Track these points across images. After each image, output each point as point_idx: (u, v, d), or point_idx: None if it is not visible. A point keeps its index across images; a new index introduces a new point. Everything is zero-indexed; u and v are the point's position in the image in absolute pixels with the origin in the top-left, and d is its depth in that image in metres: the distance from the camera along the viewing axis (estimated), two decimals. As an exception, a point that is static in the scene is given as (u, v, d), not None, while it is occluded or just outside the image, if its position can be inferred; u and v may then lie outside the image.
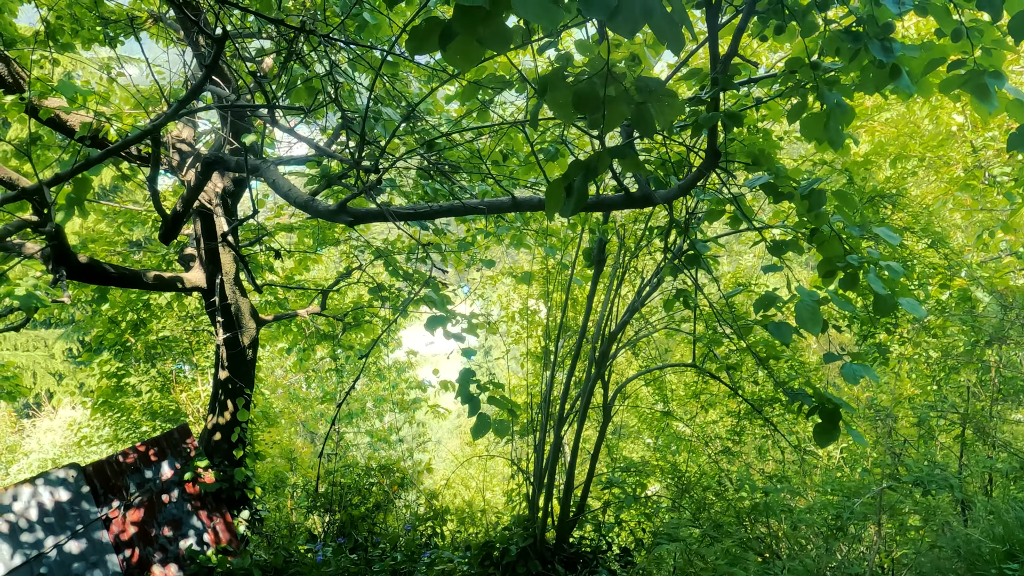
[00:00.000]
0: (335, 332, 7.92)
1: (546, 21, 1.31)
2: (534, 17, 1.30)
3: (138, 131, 3.36)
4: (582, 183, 1.98)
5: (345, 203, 3.90)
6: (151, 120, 4.06)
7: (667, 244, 4.21)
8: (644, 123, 2.04)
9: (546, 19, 1.31)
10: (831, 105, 2.83)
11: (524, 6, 1.30)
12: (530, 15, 1.31)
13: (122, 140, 3.57)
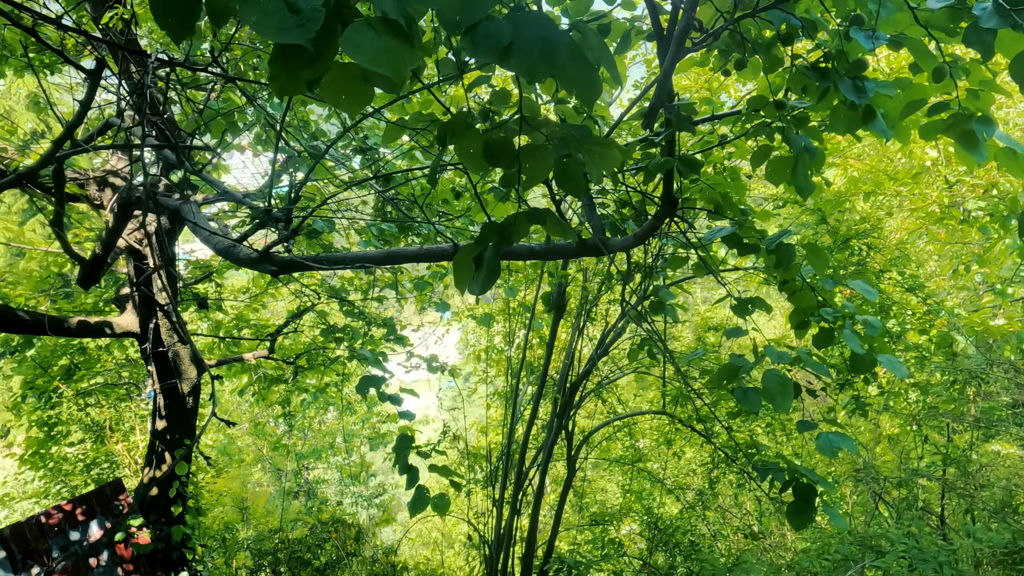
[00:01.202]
0: (286, 376, 7.44)
1: (387, 67, 0.93)
2: (371, 63, 0.93)
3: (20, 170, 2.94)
4: (493, 255, 1.60)
5: (267, 251, 3.49)
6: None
7: (624, 295, 3.84)
8: (569, 180, 1.67)
9: (388, 65, 0.93)
10: (798, 149, 2.49)
11: (358, 50, 0.93)
12: (365, 60, 0.93)
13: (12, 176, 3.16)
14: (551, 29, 1.18)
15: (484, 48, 1.15)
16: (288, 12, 0.95)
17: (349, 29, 0.95)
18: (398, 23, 0.94)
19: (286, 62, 0.99)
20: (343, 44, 0.93)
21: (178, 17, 0.97)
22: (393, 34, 0.94)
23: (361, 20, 0.96)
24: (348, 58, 1.13)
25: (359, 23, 0.96)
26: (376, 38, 0.93)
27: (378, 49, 0.93)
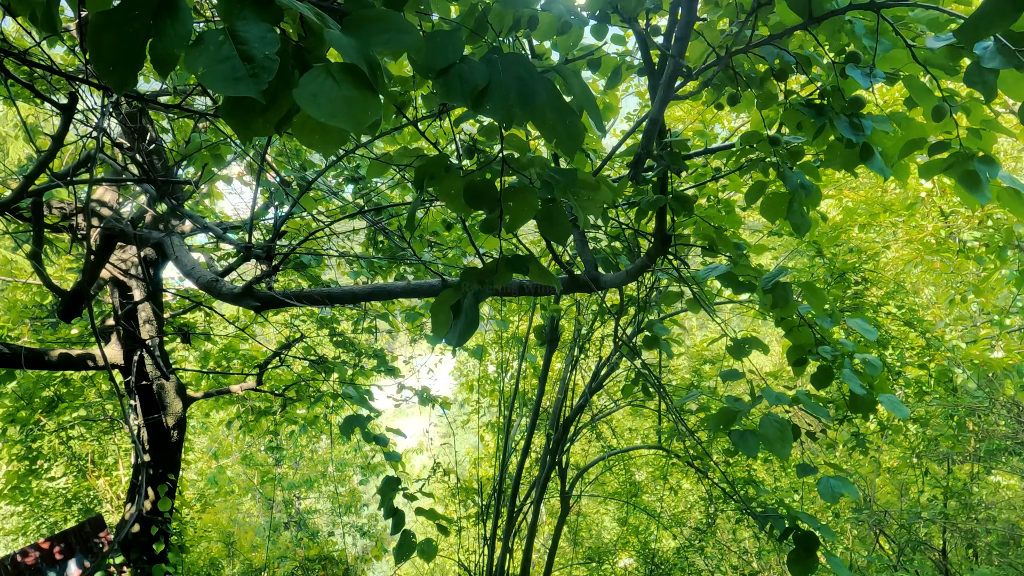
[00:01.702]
0: (274, 408, 7.29)
1: (348, 121, 0.85)
2: (329, 116, 0.85)
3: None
4: (472, 304, 1.51)
5: (250, 287, 3.39)
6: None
7: (617, 331, 3.75)
8: (552, 225, 1.58)
9: (348, 118, 0.85)
10: (794, 187, 2.42)
11: (315, 102, 0.84)
12: (323, 114, 0.85)
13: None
14: (529, 72, 1.10)
15: (458, 92, 1.07)
16: (240, 60, 0.87)
17: (304, 78, 0.86)
18: (359, 70, 0.86)
19: (237, 112, 0.90)
20: (298, 96, 0.84)
21: (119, 66, 0.88)
22: (354, 83, 0.86)
23: (319, 67, 0.87)
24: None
25: (316, 70, 0.87)
26: (335, 88, 0.85)
27: (336, 100, 0.84)
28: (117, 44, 0.89)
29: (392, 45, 0.91)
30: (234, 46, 0.88)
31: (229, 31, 0.90)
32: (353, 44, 0.87)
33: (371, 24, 0.92)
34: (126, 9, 0.90)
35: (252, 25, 0.90)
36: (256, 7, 0.93)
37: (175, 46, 0.89)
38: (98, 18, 0.90)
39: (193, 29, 0.91)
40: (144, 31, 0.90)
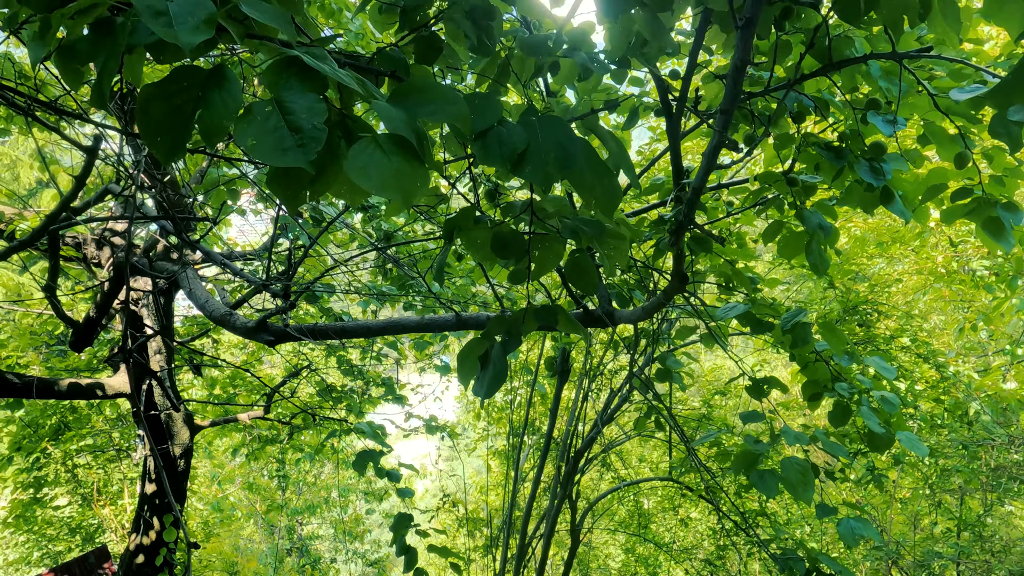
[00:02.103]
0: (281, 436, 7.25)
1: (398, 192, 0.85)
2: (380, 188, 0.85)
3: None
4: (500, 355, 1.50)
5: (264, 321, 3.40)
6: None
7: (632, 365, 3.73)
8: (581, 276, 1.58)
9: (398, 190, 0.85)
10: (813, 228, 2.42)
11: (365, 175, 0.85)
12: (374, 186, 0.85)
13: (6, 248, 3.09)
14: (567, 135, 1.11)
15: (497, 156, 1.08)
16: (288, 131, 0.88)
17: (354, 149, 0.87)
18: (408, 142, 0.86)
19: (285, 183, 0.91)
20: (348, 168, 0.85)
21: (168, 137, 0.89)
22: (403, 153, 0.86)
23: (368, 138, 0.88)
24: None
25: (365, 141, 0.88)
26: (384, 160, 0.85)
27: (386, 173, 0.84)
28: (166, 115, 0.90)
29: (438, 116, 0.91)
30: (281, 117, 0.89)
31: (276, 102, 0.91)
32: (401, 116, 0.87)
33: (417, 94, 0.93)
34: (175, 80, 0.91)
35: (299, 95, 0.91)
36: (302, 77, 0.94)
37: (224, 118, 0.90)
38: (147, 89, 0.91)
39: (242, 100, 0.92)
40: (192, 103, 0.91)
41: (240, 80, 0.92)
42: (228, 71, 0.92)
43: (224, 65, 0.92)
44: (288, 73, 0.94)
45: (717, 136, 1.25)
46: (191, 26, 0.88)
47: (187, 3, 0.91)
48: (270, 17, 0.97)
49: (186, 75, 0.92)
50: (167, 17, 0.88)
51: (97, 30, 0.89)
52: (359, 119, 0.99)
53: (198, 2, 0.91)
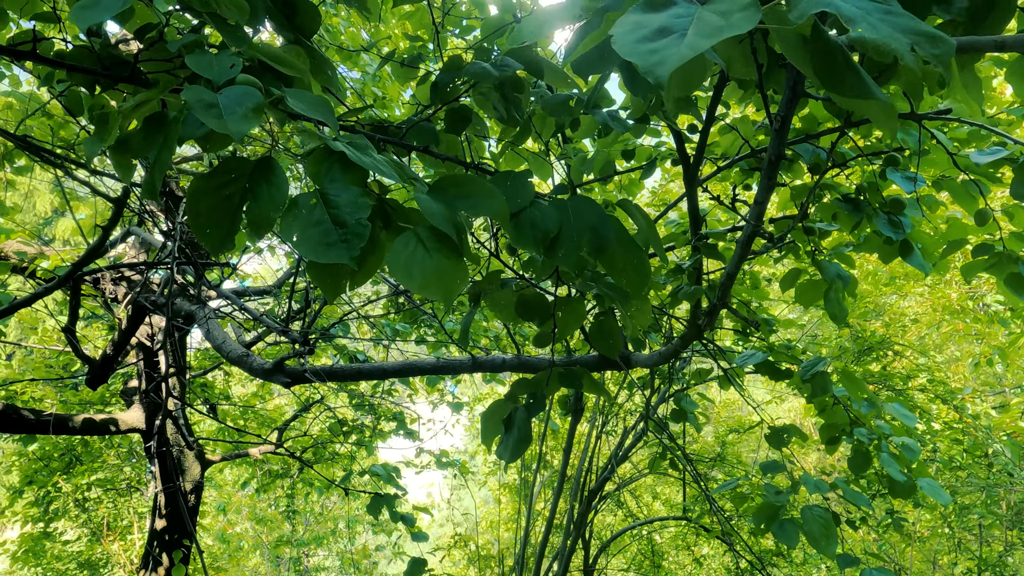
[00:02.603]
0: (292, 471, 7.22)
1: (439, 292, 0.87)
2: (422, 288, 0.87)
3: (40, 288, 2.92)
4: (525, 420, 1.51)
5: (281, 362, 3.41)
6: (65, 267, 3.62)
7: (648, 406, 3.72)
8: (604, 339, 1.59)
9: (439, 289, 0.87)
10: (831, 278, 2.43)
11: (408, 274, 0.87)
12: (416, 286, 0.87)
13: (28, 296, 3.14)
14: (599, 218, 1.13)
15: (529, 239, 1.10)
16: (332, 225, 0.90)
17: (396, 245, 0.89)
18: (449, 238, 0.88)
19: (327, 274, 0.93)
20: (391, 265, 0.87)
21: (217, 229, 0.92)
22: (444, 251, 0.88)
23: (409, 233, 0.90)
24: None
25: (407, 237, 0.90)
26: (426, 258, 0.87)
27: (428, 272, 0.86)
28: (214, 208, 0.92)
29: (477, 211, 0.94)
30: (326, 210, 0.92)
31: (320, 194, 0.93)
32: (443, 212, 0.89)
33: (456, 188, 0.95)
34: (223, 173, 0.94)
35: (342, 188, 0.93)
36: (344, 168, 0.96)
37: (271, 210, 0.92)
38: (196, 182, 0.93)
39: (288, 192, 0.95)
40: (240, 195, 0.94)
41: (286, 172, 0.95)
42: (274, 163, 0.95)
43: (271, 157, 0.95)
44: (331, 162, 0.97)
45: (751, 227, 1.27)
46: (240, 116, 0.91)
47: (236, 94, 0.94)
48: (312, 109, 1.01)
49: (234, 166, 0.95)
50: (217, 109, 0.91)
51: (150, 124, 0.92)
52: (399, 206, 1.02)
53: (246, 93, 0.95)
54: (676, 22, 0.60)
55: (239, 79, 1.02)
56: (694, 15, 0.61)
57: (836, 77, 0.64)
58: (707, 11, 0.61)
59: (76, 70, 1.19)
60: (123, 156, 0.91)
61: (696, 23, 0.59)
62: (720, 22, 0.57)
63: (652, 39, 0.60)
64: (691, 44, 0.57)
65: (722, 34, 0.55)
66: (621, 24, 0.62)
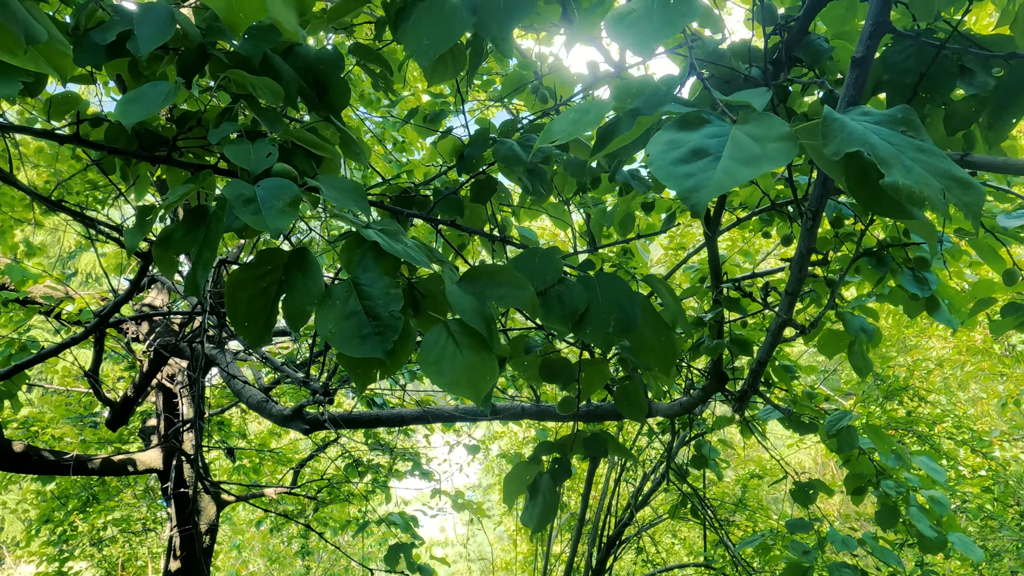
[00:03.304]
0: (307, 512, 7.17)
1: (470, 390, 0.88)
2: (452, 386, 0.88)
3: (67, 338, 2.96)
4: (550, 488, 1.49)
5: (300, 409, 3.42)
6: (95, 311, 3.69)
7: (668, 453, 3.67)
8: (630, 403, 1.58)
9: (470, 387, 0.88)
10: (855, 332, 2.41)
11: (438, 371, 0.88)
12: (446, 384, 0.88)
13: (53, 347, 3.20)
14: (627, 297, 1.13)
15: (558, 316, 1.10)
16: (365, 317, 0.91)
17: (427, 341, 0.90)
18: (479, 334, 0.89)
19: (359, 365, 0.94)
20: (421, 362, 0.88)
21: (255, 322, 0.93)
22: (474, 346, 0.89)
23: (440, 327, 0.91)
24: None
25: (437, 332, 0.91)
26: (456, 355, 0.88)
27: (459, 369, 0.87)
28: (252, 299, 0.94)
29: (507, 302, 0.94)
30: (359, 300, 0.93)
31: (354, 284, 0.94)
32: (473, 306, 0.90)
33: (486, 277, 0.96)
34: (260, 263, 0.96)
35: (375, 278, 0.94)
36: (377, 257, 0.98)
37: (306, 303, 0.93)
38: (236, 273, 0.95)
39: (323, 283, 0.96)
40: (276, 286, 0.95)
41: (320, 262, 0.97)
42: (309, 255, 0.97)
43: (305, 248, 0.97)
44: (363, 250, 0.99)
45: (782, 317, 1.27)
46: (277, 210, 0.93)
47: (273, 187, 0.96)
48: (346, 198, 1.03)
49: (270, 257, 0.97)
50: (255, 204, 0.94)
51: (191, 220, 0.94)
52: (428, 291, 1.03)
53: (282, 186, 0.97)
54: (710, 143, 0.61)
55: (275, 169, 1.04)
56: (728, 135, 0.62)
57: (872, 198, 0.65)
58: (741, 132, 0.62)
59: (116, 152, 1.23)
60: (165, 252, 0.93)
61: (731, 146, 0.60)
62: (756, 149, 0.58)
63: (687, 160, 0.61)
64: (727, 171, 0.58)
65: (759, 166, 0.56)
66: (656, 142, 0.63)
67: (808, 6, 1.34)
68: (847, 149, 0.58)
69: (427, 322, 1.02)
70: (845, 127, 0.59)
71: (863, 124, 0.59)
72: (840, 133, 0.59)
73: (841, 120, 0.60)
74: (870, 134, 0.58)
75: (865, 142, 0.58)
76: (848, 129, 0.58)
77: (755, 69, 1.52)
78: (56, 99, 1.73)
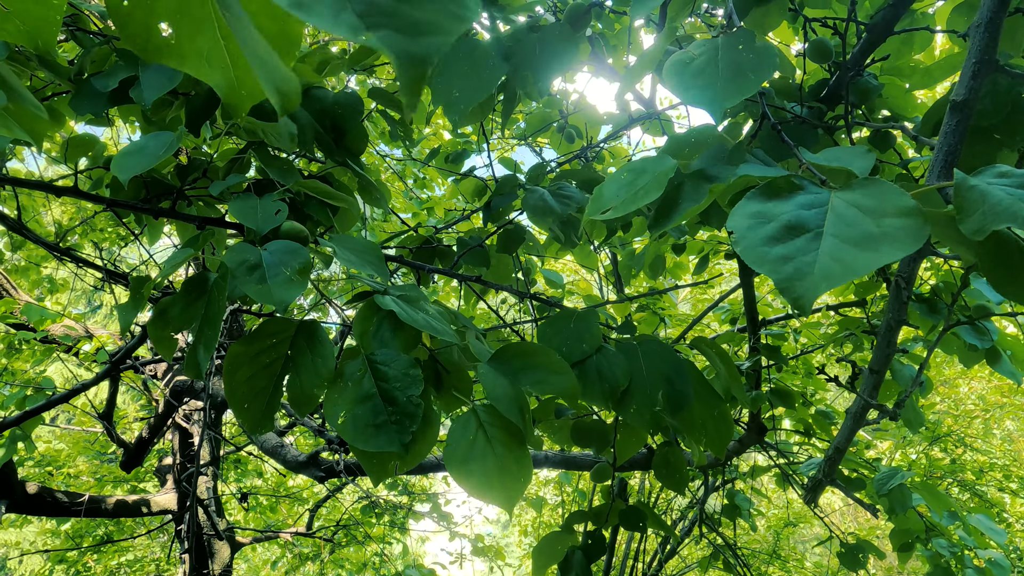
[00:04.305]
0: (322, 554, 6.99)
1: (500, 496, 0.76)
2: (478, 490, 0.76)
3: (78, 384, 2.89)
4: (584, 567, 1.35)
5: (316, 455, 3.30)
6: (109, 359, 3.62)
7: (702, 509, 3.48)
8: (671, 474, 1.44)
9: (500, 493, 0.76)
10: (905, 383, 2.24)
11: (465, 473, 0.76)
12: (474, 487, 0.76)
13: (65, 392, 3.14)
14: (675, 367, 1.00)
15: (598, 392, 0.98)
16: (381, 401, 0.79)
17: (455, 429, 0.78)
18: (513, 425, 0.77)
19: (374, 457, 0.82)
20: (447, 457, 0.75)
21: (255, 404, 0.82)
22: (508, 441, 0.76)
23: (468, 415, 0.79)
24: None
25: (466, 419, 0.79)
26: (487, 451, 0.75)
27: (490, 471, 0.74)
28: (252, 378, 0.83)
29: (543, 388, 0.82)
30: (374, 381, 0.81)
31: (369, 362, 0.83)
32: (508, 393, 0.78)
33: (521, 358, 0.84)
34: (263, 335, 0.85)
35: (392, 356, 0.82)
36: (394, 327, 0.86)
37: (313, 384, 0.82)
38: (235, 348, 0.84)
39: (334, 361, 0.85)
40: (281, 363, 0.84)
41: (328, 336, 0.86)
42: (318, 328, 0.85)
43: (314, 321, 0.86)
44: (380, 320, 0.87)
45: (863, 400, 1.13)
46: (284, 279, 0.82)
47: (281, 251, 0.86)
48: (362, 260, 0.92)
49: (274, 329, 0.86)
50: (261, 271, 0.83)
51: (189, 292, 0.84)
52: (452, 366, 0.91)
53: (291, 250, 0.86)
54: (807, 216, 0.50)
55: (284, 228, 0.94)
56: (827, 205, 0.50)
57: (1015, 282, 0.52)
58: (843, 202, 0.50)
59: (115, 205, 1.14)
60: (162, 331, 0.83)
61: (833, 219, 0.48)
62: (870, 226, 0.46)
63: (781, 238, 0.49)
64: (835, 255, 0.45)
65: (878, 250, 0.43)
66: (740, 214, 0.52)
67: (865, 41, 1.22)
68: (993, 226, 0.45)
69: (450, 402, 0.89)
70: (986, 197, 0.46)
71: (1004, 190, 0.47)
72: (980, 205, 0.46)
73: (980, 188, 0.47)
74: (1021, 205, 0.45)
75: (1016, 216, 0.45)
76: (991, 200, 0.46)
77: (797, 106, 1.41)
78: (73, 140, 1.66)
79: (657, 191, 0.61)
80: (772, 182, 0.52)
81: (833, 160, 0.56)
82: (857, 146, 0.60)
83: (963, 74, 0.68)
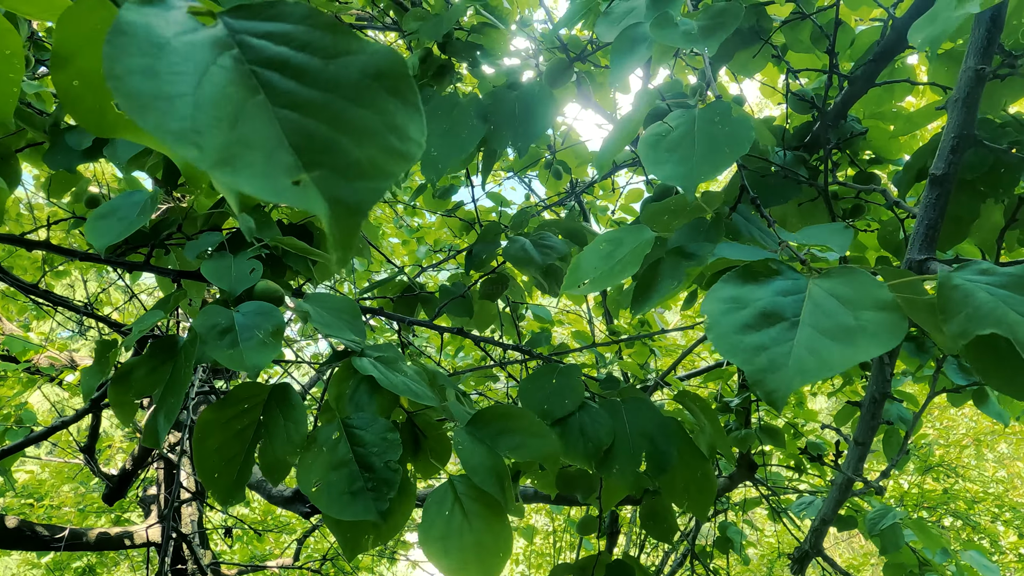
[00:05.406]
0: (309, 585, 6.85)
1: (477, 572, 0.73)
2: (455, 569, 0.73)
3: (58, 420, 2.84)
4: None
5: (300, 491, 3.25)
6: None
7: (693, 542, 3.44)
8: (658, 524, 1.41)
9: (477, 567, 0.73)
10: (893, 420, 2.23)
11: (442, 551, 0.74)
12: (449, 566, 0.73)
13: (45, 429, 3.09)
14: (658, 424, 0.99)
15: (580, 451, 0.96)
16: (357, 468, 0.77)
17: (431, 504, 0.76)
18: (492, 498, 0.75)
19: (348, 528, 0.79)
20: (423, 540, 0.73)
21: (226, 473, 0.79)
22: (486, 516, 0.74)
23: (444, 488, 0.77)
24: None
25: (442, 493, 0.77)
26: (465, 528, 0.73)
27: (467, 547, 0.72)
28: (224, 446, 0.81)
29: (522, 453, 0.80)
30: (350, 447, 0.79)
31: (344, 426, 0.81)
32: (485, 463, 0.76)
33: (499, 422, 0.82)
34: (235, 401, 0.83)
35: (369, 420, 0.81)
36: (371, 391, 0.85)
37: (287, 452, 0.80)
38: (205, 414, 0.82)
39: (307, 427, 0.83)
40: (253, 430, 0.82)
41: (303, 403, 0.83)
42: (291, 392, 0.83)
43: (287, 385, 0.84)
44: (356, 383, 0.86)
45: (848, 474, 1.11)
46: (257, 343, 0.81)
47: (254, 314, 0.84)
48: (339, 321, 0.90)
49: (246, 394, 0.84)
50: (233, 334, 0.81)
51: (155, 355, 0.81)
52: (430, 430, 0.89)
53: (264, 312, 0.84)
54: (784, 303, 0.48)
55: (258, 288, 0.92)
56: (805, 292, 0.49)
57: (1007, 382, 0.50)
58: (821, 290, 0.49)
59: (88, 259, 1.12)
60: (124, 395, 0.81)
61: (811, 308, 0.47)
62: (847, 319, 0.45)
63: (756, 326, 0.48)
64: (812, 347, 0.44)
65: (855, 345, 0.42)
66: (714, 300, 0.50)
67: (847, 93, 1.23)
68: (977, 331, 0.44)
69: (426, 468, 0.87)
70: (969, 299, 0.45)
71: (988, 290, 0.46)
72: (964, 307, 0.45)
73: (963, 289, 0.46)
74: (1005, 309, 0.44)
75: (1000, 321, 0.44)
76: (974, 303, 0.45)
77: (781, 152, 1.42)
78: (56, 177, 1.65)
79: (634, 267, 0.59)
80: (749, 266, 0.51)
81: (812, 239, 0.55)
82: (836, 223, 0.59)
83: (942, 148, 0.67)
